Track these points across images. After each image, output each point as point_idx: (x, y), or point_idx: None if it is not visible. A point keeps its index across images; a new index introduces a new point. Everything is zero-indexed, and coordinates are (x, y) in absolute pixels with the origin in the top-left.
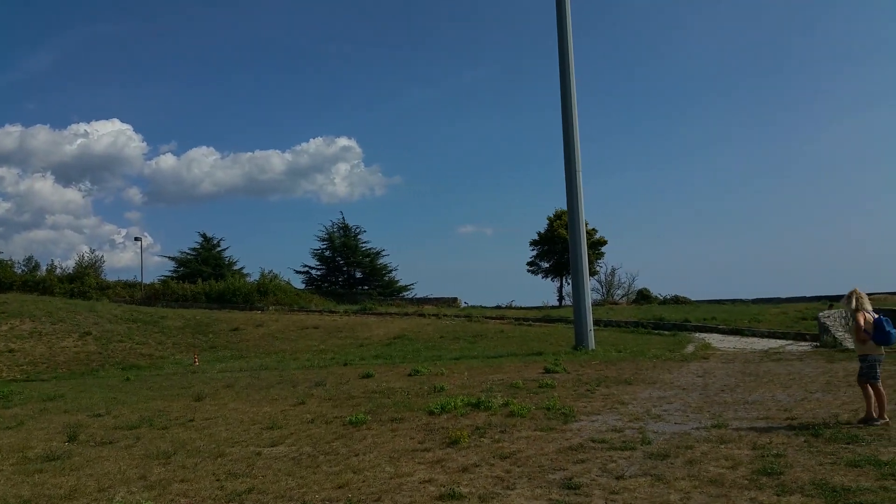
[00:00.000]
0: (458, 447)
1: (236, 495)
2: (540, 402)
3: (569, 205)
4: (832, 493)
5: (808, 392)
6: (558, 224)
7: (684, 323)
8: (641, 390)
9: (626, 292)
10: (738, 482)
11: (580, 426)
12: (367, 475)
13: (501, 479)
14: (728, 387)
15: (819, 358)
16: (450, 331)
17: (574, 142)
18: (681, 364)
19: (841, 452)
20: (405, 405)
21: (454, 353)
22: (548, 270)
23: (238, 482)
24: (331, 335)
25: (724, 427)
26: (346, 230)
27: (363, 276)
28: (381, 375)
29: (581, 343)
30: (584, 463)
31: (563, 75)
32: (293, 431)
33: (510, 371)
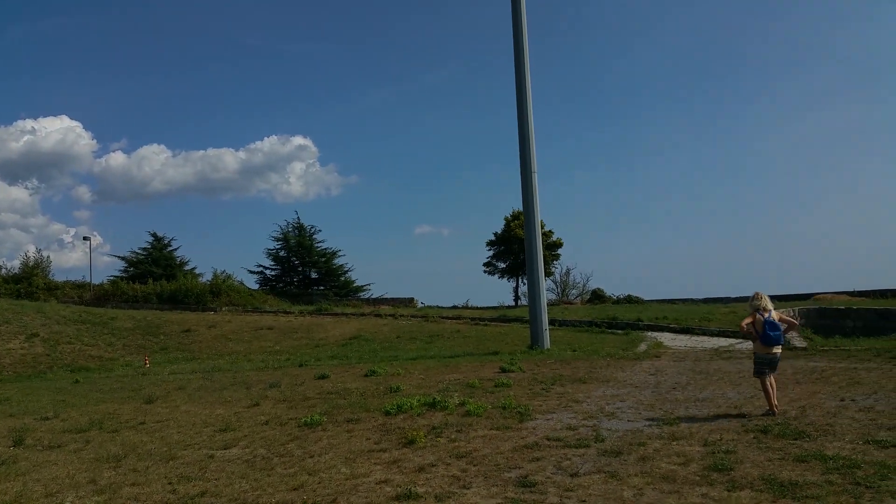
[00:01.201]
0: (415, 447)
1: (189, 499)
2: (496, 401)
3: (525, 206)
4: (780, 487)
5: (756, 389)
6: (515, 224)
7: (637, 322)
8: (595, 388)
9: (581, 292)
10: (689, 478)
11: (535, 425)
12: (323, 476)
13: (457, 479)
14: (679, 384)
15: None
16: (406, 331)
17: (529, 143)
18: (634, 362)
19: (788, 448)
20: (361, 406)
21: (411, 354)
22: (504, 271)
23: (190, 485)
24: (286, 336)
25: (676, 424)
26: (301, 230)
27: (319, 277)
28: (336, 376)
29: (536, 342)
30: (540, 461)
31: (518, 77)
32: (247, 433)
33: (466, 371)
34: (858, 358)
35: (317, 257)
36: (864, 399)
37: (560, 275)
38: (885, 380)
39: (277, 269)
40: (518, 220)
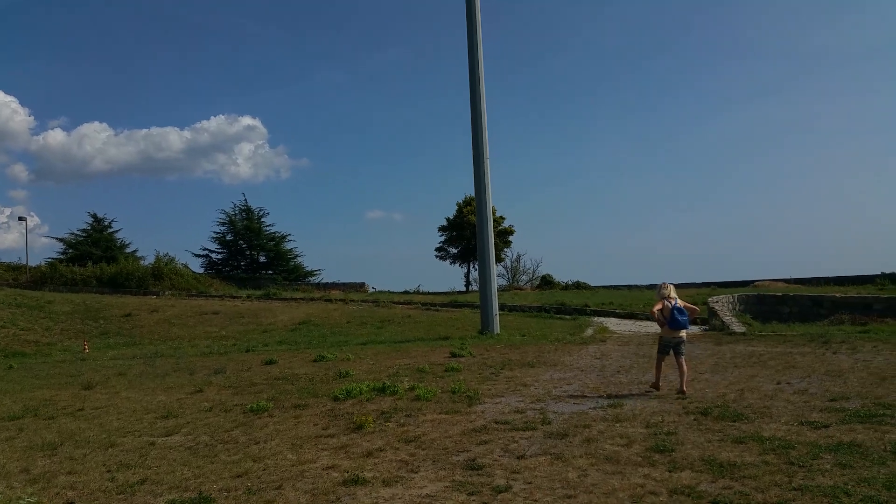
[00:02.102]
0: (363, 432)
1: (128, 487)
2: (446, 385)
3: (476, 191)
4: (719, 468)
5: (697, 373)
6: (467, 210)
7: (584, 307)
8: (543, 372)
9: (531, 278)
10: (632, 459)
11: (484, 408)
12: (268, 463)
13: (406, 463)
14: (624, 368)
15: (708, 341)
16: (357, 316)
17: (482, 128)
18: (580, 347)
19: (727, 430)
20: (309, 391)
21: (361, 339)
22: (456, 256)
23: (130, 473)
24: (232, 321)
25: (620, 406)
26: (248, 213)
27: (267, 261)
28: (284, 362)
29: (487, 327)
30: (488, 444)
31: (471, 62)
32: (190, 420)
33: (417, 356)
34: (794, 343)
35: (265, 241)
36: (799, 382)
37: (511, 261)
38: (818, 364)
39: (224, 253)
40: (470, 206)
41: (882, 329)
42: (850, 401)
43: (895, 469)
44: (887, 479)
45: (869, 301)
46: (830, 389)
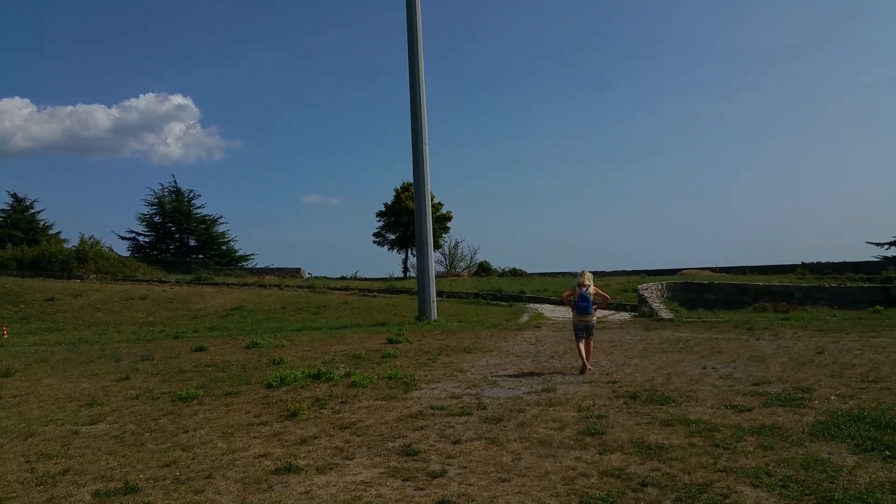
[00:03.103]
0: (297, 420)
1: (48, 478)
2: (382, 371)
3: (415, 177)
4: (648, 450)
5: (627, 358)
6: (406, 196)
7: (520, 294)
8: (479, 358)
9: (468, 265)
10: (564, 442)
11: (421, 394)
12: (197, 452)
13: (341, 450)
14: (557, 353)
15: (637, 327)
16: (292, 302)
17: (421, 113)
18: (516, 333)
19: (655, 413)
20: (241, 379)
21: (296, 325)
22: (394, 242)
23: (51, 463)
24: (160, 307)
25: (553, 391)
26: (178, 194)
27: (198, 245)
28: (215, 348)
29: (424, 314)
30: (424, 430)
31: (410, 45)
32: (115, 408)
33: (353, 342)
34: (719, 329)
35: (196, 224)
36: (724, 367)
37: (449, 247)
38: (741, 349)
39: (152, 236)
40: (408, 192)
41: (802, 316)
42: (772, 385)
43: (813, 450)
44: (805, 460)
45: (790, 290)
46: (753, 374)
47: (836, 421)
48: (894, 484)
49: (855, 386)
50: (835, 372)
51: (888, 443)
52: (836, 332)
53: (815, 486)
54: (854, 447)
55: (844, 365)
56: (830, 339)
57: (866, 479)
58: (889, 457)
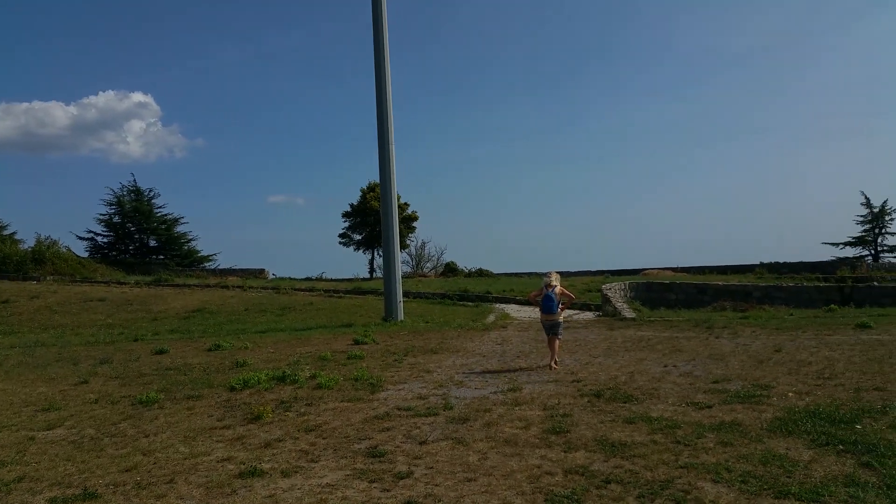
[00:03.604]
0: (261, 423)
1: (3, 485)
2: (348, 373)
3: (381, 177)
4: (611, 447)
5: (591, 357)
6: (371, 196)
7: (486, 294)
8: (446, 358)
9: (435, 265)
10: (530, 441)
11: (387, 395)
12: (159, 456)
13: (306, 453)
14: (523, 353)
15: (602, 326)
16: (256, 303)
17: (387, 113)
18: (482, 333)
19: (619, 411)
20: (204, 382)
21: (260, 327)
22: (360, 243)
23: (5, 470)
24: (120, 308)
25: (519, 391)
26: (138, 194)
27: (158, 245)
28: (176, 351)
29: (391, 314)
30: (390, 431)
31: (376, 45)
32: (74, 413)
33: (319, 343)
34: (680, 328)
35: (156, 224)
36: (685, 365)
37: (415, 248)
38: (701, 347)
39: (111, 236)
40: (374, 192)
41: (760, 315)
42: (731, 382)
43: (771, 446)
44: (763, 455)
45: (749, 289)
46: (713, 372)
47: (793, 417)
48: (847, 477)
49: (811, 383)
50: (792, 369)
51: (842, 437)
52: (793, 331)
53: (773, 480)
54: (810, 442)
55: (801, 362)
56: (787, 338)
57: (821, 473)
58: (843, 451)
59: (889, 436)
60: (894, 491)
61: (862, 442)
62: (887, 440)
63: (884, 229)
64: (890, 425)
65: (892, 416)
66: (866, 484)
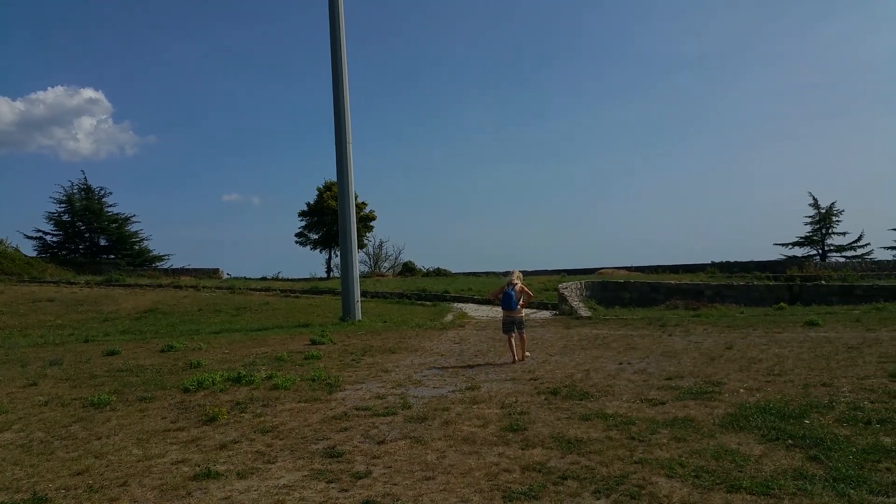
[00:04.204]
0: (216, 424)
1: None
2: (305, 373)
3: (339, 176)
4: (568, 444)
5: (548, 355)
6: (329, 195)
7: (444, 294)
8: (404, 358)
9: (393, 265)
10: (488, 439)
11: (345, 395)
12: (111, 459)
13: (262, 454)
14: (481, 352)
15: (558, 324)
16: (210, 303)
17: (345, 112)
18: (441, 332)
19: (575, 408)
20: (156, 383)
21: (214, 327)
22: (317, 242)
23: None
24: (69, 309)
25: (477, 389)
26: (88, 192)
27: (109, 245)
28: (129, 352)
29: (348, 314)
30: (348, 431)
31: (333, 43)
32: (22, 416)
33: (275, 344)
34: (634, 326)
35: (107, 223)
36: (639, 362)
37: (373, 247)
38: (655, 345)
39: (60, 235)
40: (331, 191)
41: (711, 313)
42: (684, 379)
43: (723, 441)
44: (716, 451)
45: (700, 288)
46: (666, 369)
47: (745, 413)
48: (796, 470)
49: (761, 379)
50: (742, 366)
51: (791, 432)
52: (744, 328)
53: (725, 475)
54: (761, 437)
55: (751, 359)
56: (738, 335)
57: (771, 467)
58: (792, 445)
59: (836, 430)
60: (840, 483)
61: (810, 436)
62: (834, 434)
63: (831, 230)
64: (836, 420)
65: (838, 411)
66: (814, 477)
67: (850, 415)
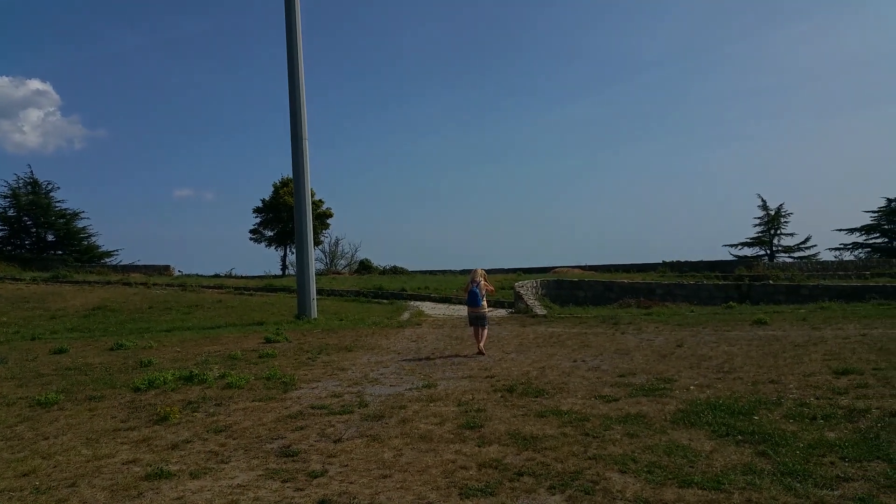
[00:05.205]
0: (168, 424)
1: None
2: (259, 372)
3: (295, 173)
4: (523, 441)
5: (504, 353)
6: (284, 192)
7: (401, 292)
8: (361, 356)
9: (349, 262)
10: (444, 437)
11: (300, 394)
12: (59, 460)
13: (215, 454)
14: (438, 350)
15: (514, 323)
16: (161, 301)
17: (300, 108)
18: (398, 330)
19: (531, 405)
20: (106, 382)
21: (165, 325)
22: (272, 239)
23: None
24: (15, 306)
25: (434, 387)
26: (35, 186)
27: (56, 240)
28: (77, 350)
29: (304, 312)
30: (303, 430)
31: (289, 36)
32: None
33: (228, 342)
34: (588, 324)
35: (54, 218)
36: (593, 360)
37: (329, 245)
38: (608, 343)
39: (5, 231)
40: (287, 188)
41: (662, 312)
42: (637, 376)
43: (674, 437)
44: (668, 446)
45: (652, 287)
46: (619, 366)
47: (695, 409)
48: (745, 466)
49: (711, 376)
50: (693, 363)
51: (741, 428)
52: (694, 327)
53: (677, 470)
54: (711, 433)
55: (702, 357)
56: (689, 333)
57: (721, 463)
58: (741, 441)
59: (783, 426)
60: (787, 477)
61: (759, 432)
62: (781, 430)
63: (779, 230)
64: (784, 416)
65: (785, 408)
66: (762, 471)
67: (797, 411)
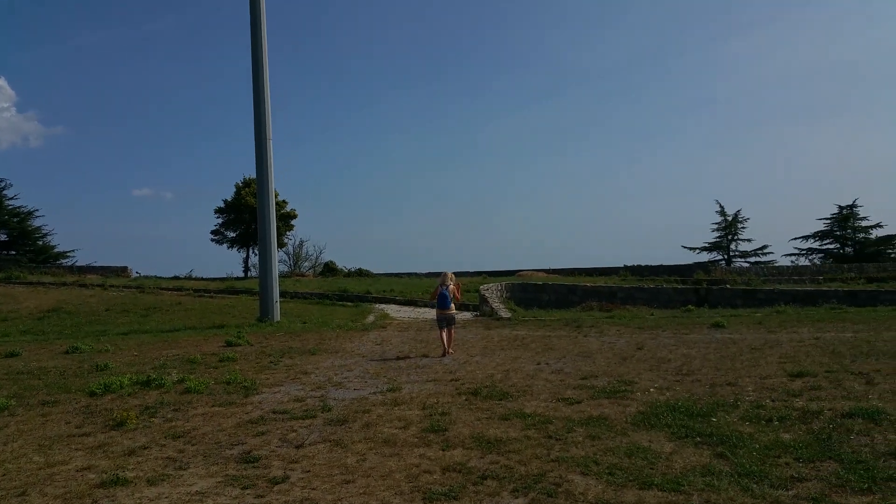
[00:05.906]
0: (124, 430)
1: None
2: (220, 376)
3: (258, 173)
4: (488, 444)
5: (469, 356)
6: (247, 192)
7: (366, 294)
8: (324, 360)
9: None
10: (409, 441)
11: (262, 399)
12: (10, 467)
13: (174, 460)
14: (403, 353)
15: (479, 326)
16: (118, 303)
17: (265, 108)
18: (362, 333)
19: (495, 408)
20: (60, 386)
21: (122, 328)
22: (234, 240)
23: None
24: None
25: (399, 391)
26: None
27: (9, 240)
28: (30, 354)
29: (266, 315)
30: (265, 435)
31: (254, 36)
32: None
33: (188, 346)
34: (552, 327)
35: (7, 217)
36: (556, 363)
37: (293, 246)
38: (571, 346)
39: None
40: (250, 188)
41: (624, 315)
42: (599, 379)
43: (635, 439)
44: (629, 448)
45: (614, 290)
46: (582, 369)
47: (655, 411)
48: (704, 467)
49: (671, 378)
50: (653, 366)
51: (699, 430)
52: (654, 330)
53: (638, 472)
54: (671, 435)
55: (661, 359)
56: (649, 336)
57: (681, 464)
58: (700, 443)
59: (740, 427)
60: (744, 478)
61: (717, 434)
62: (739, 432)
63: (736, 236)
64: (741, 418)
65: (742, 410)
66: (721, 473)
67: (753, 413)
